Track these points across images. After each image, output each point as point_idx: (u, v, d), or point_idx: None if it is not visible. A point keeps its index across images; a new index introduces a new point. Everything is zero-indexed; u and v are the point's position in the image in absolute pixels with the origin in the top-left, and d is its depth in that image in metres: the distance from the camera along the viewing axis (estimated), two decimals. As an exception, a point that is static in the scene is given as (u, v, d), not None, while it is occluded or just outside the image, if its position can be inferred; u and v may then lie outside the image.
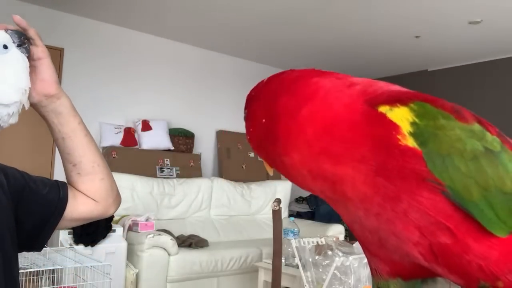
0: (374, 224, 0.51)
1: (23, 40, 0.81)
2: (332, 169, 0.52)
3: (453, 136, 0.48)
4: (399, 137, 0.48)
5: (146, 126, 4.40)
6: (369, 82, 0.56)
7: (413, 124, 0.48)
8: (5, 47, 0.79)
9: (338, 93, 0.54)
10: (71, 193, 0.90)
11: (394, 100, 0.51)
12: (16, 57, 0.79)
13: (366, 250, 0.58)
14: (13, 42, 0.80)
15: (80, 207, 0.90)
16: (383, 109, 0.50)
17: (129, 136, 4.28)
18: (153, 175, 4.21)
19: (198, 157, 4.71)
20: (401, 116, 0.49)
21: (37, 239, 0.88)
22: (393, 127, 0.49)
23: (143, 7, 3.96)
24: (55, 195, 0.87)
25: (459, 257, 0.48)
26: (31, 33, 0.83)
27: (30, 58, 0.82)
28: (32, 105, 0.85)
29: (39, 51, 0.84)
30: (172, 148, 4.49)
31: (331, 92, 0.54)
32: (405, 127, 0.48)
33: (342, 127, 0.51)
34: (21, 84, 0.79)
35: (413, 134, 0.48)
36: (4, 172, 0.84)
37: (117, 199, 0.97)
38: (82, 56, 4.16)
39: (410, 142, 0.48)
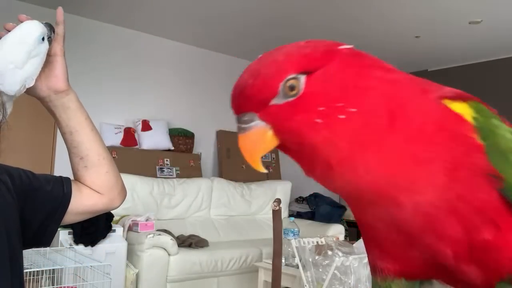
0: (417, 223, 0.50)
1: (52, 35, 0.85)
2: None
3: (507, 136, 0.49)
4: (467, 131, 0.49)
5: (146, 126, 4.40)
6: (419, 79, 0.56)
7: (475, 119, 0.49)
8: (43, 39, 0.82)
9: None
10: (75, 187, 0.92)
11: (457, 96, 0.52)
12: (44, 50, 0.83)
13: (381, 249, 0.56)
14: (46, 34, 0.83)
15: (85, 200, 0.92)
16: (452, 104, 0.51)
17: (129, 136, 4.28)
18: (153, 175, 4.22)
19: (198, 157, 4.71)
20: (465, 111, 0.50)
21: (45, 235, 0.90)
22: (462, 121, 0.49)
23: (143, 7, 3.96)
24: (59, 191, 0.89)
25: (497, 253, 0.48)
26: (60, 29, 0.87)
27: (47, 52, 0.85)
28: (40, 99, 0.88)
29: (58, 48, 0.88)
30: (172, 148, 4.49)
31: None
32: (471, 122, 0.49)
33: (427, 127, 0.49)
34: (34, 75, 0.82)
35: (476, 128, 0.49)
36: (8, 172, 0.86)
37: (122, 192, 0.99)
38: (82, 56, 4.16)
39: (475, 136, 0.48)
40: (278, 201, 2.46)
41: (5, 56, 0.81)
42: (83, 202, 0.92)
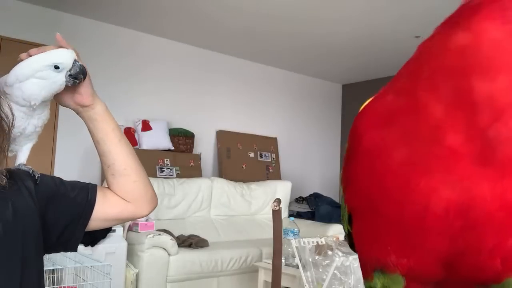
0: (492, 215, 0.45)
1: (78, 78, 0.92)
2: None
3: None
4: None
5: (146, 126, 4.40)
6: None
7: None
8: (57, 68, 0.89)
9: None
10: (101, 194, 0.95)
11: None
12: (55, 79, 0.89)
13: (401, 242, 0.51)
14: (69, 70, 0.90)
15: (111, 207, 0.95)
16: None
17: (129, 136, 4.28)
18: (153, 175, 4.22)
19: (198, 157, 4.71)
20: None
21: (71, 240, 0.94)
22: None
23: (143, 7, 3.96)
24: (83, 198, 0.93)
25: None
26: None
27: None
28: (73, 109, 0.98)
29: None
30: (172, 148, 4.50)
31: None
32: None
33: None
34: (37, 95, 0.89)
35: None
36: (33, 178, 0.90)
37: (152, 201, 1.01)
38: (82, 56, 4.12)
39: None
40: (278, 201, 2.46)
41: (15, 69, 0.88)
42: (109, 209, 0.95)
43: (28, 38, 3.79)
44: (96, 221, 0.95)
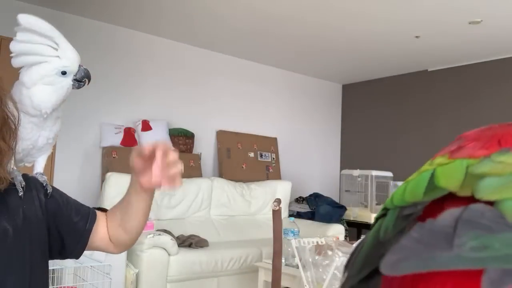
0: None
1: (83, 82, 0.97)
2: None
3: None
4: None
5: (146, 126, 4.40)
6: None
7: None
8: (63, 73, 0.93)
9: None
10: (95, 228, 1.04)
11: None
12: (61, 83, 0.93)
13: None
14: (74, 75, 0.90)
15: (96, 240, 1.05)
16: None
17: (129, 136, 4.28)
18: (153, 175, 4.21)
19: (198, 157, 4.71)
20: None
21: (71, 255, 1.06)
22: None
23: (143, 7, 3.96)
24: (82, 226, 1.01)
25: None
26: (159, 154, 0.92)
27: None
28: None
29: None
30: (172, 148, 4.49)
31: None
32: None
33: None
34: (47, 102, 0.93)
35: None
36: (45, 192, 0.97)
37: (129, 247, 1.13)
38: (82, 56, 4.13)
39: None
40: (278, 201, 2.46)
41: (24, 77, 0.92)
42: (95, 240, 1.04)
43: (28, 38, 3.78)
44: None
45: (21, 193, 0.91)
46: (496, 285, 0.28)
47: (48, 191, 0.96)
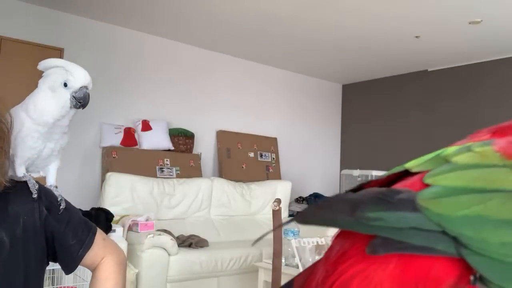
0: None
1: (80, 102, 1.00)
2: None
3: None
4: None
5: (146, 126, 4.40)
6: None
7: None
8: (65, 85, 0.98)
9: None
10: (88, 253, 1.05)
11: None
12: (61, 93, 0.98)
13: None
14: (75, 91, 0.99)
15: (86, 264, 1.08)
16: None
17: (129, 136, 4.28)
18: (153, 175, 4.21)
19: (198, 157, 4.71)
20: None
21: (63, 268, 1.07)
22: None
23: (143, 7, 3.96)
24: (76, 250, 1.03)
25: None
26: None
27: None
28: None
29: None
30: (172, 148, 4.49)
31: None
32: None
33: None
34: (54, 111, 0.99)
35: None
36: (48, 207, 0.98)
37: None
38: (82, 56, 4.16)
39: None
40: (278, 201, 2.46)
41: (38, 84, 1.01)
42: (84, 264, 1.07)
43: (28, 38, 3.79)
44: None
45: (35, 195, 0.94)
46: (377, 249, 0.34)
47: (61, 207, 0.99)
